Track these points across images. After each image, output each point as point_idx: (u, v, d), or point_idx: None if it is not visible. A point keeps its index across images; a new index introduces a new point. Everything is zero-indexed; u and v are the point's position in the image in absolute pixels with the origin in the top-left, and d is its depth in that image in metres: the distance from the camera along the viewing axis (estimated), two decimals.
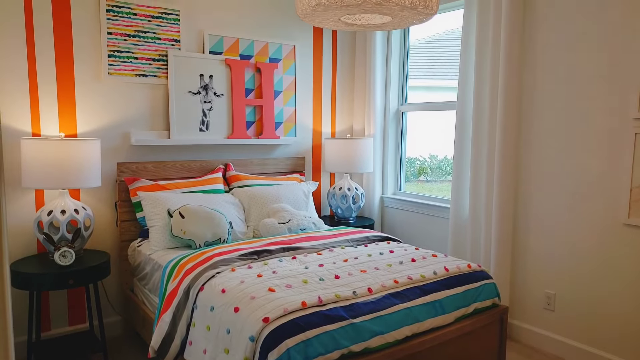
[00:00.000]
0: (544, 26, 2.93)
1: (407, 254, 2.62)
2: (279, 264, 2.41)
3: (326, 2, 1.91)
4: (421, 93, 5.28)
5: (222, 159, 3.53)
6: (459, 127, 3.34)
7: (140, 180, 3.07)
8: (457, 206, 3.37)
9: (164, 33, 3.22)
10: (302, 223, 3.15)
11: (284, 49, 3.75)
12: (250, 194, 3.28)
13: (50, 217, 2.64)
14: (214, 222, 2.85)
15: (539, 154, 3.00)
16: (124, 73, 3.09)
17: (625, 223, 2.62)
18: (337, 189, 3.83)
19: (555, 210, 2.94)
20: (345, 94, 4.19)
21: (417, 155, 6.61)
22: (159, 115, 3.25)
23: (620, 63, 2.60)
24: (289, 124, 3.85)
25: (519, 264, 3.14)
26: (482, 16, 3.13)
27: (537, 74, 2.97)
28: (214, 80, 3.42)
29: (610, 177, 2.68)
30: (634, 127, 2.56)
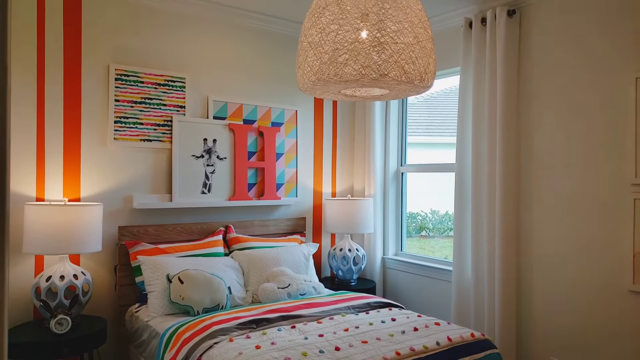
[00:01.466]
0: (539, 95, 3.02)
1: (409, 322, 2.57)
2: (278, 334, 2.37)
3: (326, 77, 1.99)
4: (420, 150, 5.35)
5: (223, 221, 3.54)
6: (458, 189, 3.37)
7: (141, 243, 3.08)
8: (459, 269, 3.34)
9: (169, 99, 3.32)
10: (302, 288, 3.12)
11: (286, 114, 3.85)
12: (250, 257, 3.27)
13: (48, 283, 2.63)
14: (212, 288, 2.82)
15: (539, 218, 3.01)
16: (129, 138, 3.17)
17: (631, 290, 2.59)
18: (337, 249, 3.82)
19: (558, 275, 2.91)
20: (345, 155, 4.26)
21: (419, 210, 6.61)
22: (161, 178, 3.30)
23: (616, 129, 2.66)
24: (290, 184, 3.89)
25: (524, 331, 3.07)
26: (478, 82, 3.23)
27: (534, 138, 3.03)
28: (218, 144, 3.49)
29: (612, 243, 2.68)
30: (632, 192, 2.58)
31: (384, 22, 1.88)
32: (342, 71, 1.90)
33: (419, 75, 2.02)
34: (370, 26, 1.87)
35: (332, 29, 1.91)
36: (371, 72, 1.89)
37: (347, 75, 1.91)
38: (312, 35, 1.98)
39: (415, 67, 1.96)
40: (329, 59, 1.92)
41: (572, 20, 2.84)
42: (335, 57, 1.90)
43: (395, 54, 1.89)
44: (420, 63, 1.99)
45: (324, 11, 1.96)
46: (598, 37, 2.73)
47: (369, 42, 1.87)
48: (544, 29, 2.98)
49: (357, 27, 1.87)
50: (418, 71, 1.98)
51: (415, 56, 1.95)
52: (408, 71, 1.94)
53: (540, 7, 2.99)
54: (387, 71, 1.89)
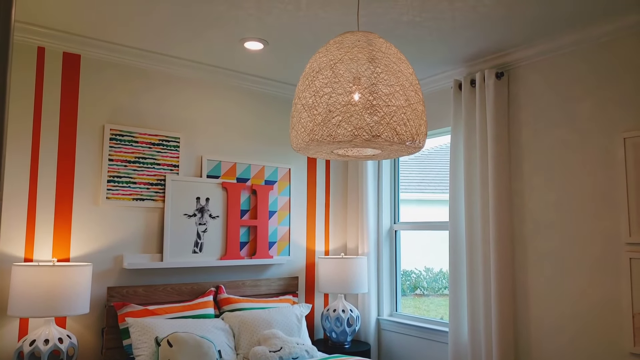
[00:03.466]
0: (529, 155, 3.08)
1: None
2: None
3: (319, 138, 2.03)
4: (413, 207, 5.37)
5: (214, 280, 3.48)
6: (452, 249, 3.36)
7: (130, 305, 3.00)
8: (455, 330, 3.27)
9: (163, 159, 3.35)
10: (294, 351, 3.02)
11: (279, 172, 3.89)
12: (241, 319, 3.18)
13: (32, 347, 2.53)
14: (202, 352, 2.73)
15: (534, 279, 2.98)
16: (121, 197, 3.16)
17: (632, 352, 2.54)
18: (331, 310, 3.73)
19: (556, 337, 2.85)
20: (338, 213, 4.26)
21: (413, 268, 6.53)
22: (152, 237, 3.27)
23: (606, 189, 2.70)
24: (283, 242, 3.86)
25: None
26: (469, 142, 3.30)
27: (526, 199, 3.07)
28: (210, 202, 3.49)
29: (610, 303, 2.64)
30: (627, 252, 2.59)
31: (376, 86, 1.95)
32: (335, 132, 1.95)
33: (411, 136, 2.07)
34: (363, 89, 1.94)
35: (325, 91, 1.98)
36: (364, 134, 1.93)
37: (340, 136, 1.95)
38: (306, 97, 2.04)
39: (407, 128, 2.01)
40: (322, 120, 1.97)
41: (558, 83, 2.96)
42: (329, 119, 1.95)
43: (387, 116, 1.95)
44: (412, 125, 2.04)
45: (317, 75, 2.03)
46: (584, 99, 2.83)
47: (361, 104, 1.93)
48: (532, 92, 3.09)
49: (349, 90, 1.93)
50: (410, 133, 2.03)
51: (407, 118, 2.01)
52: (400, 132, 1.99)
53: (527, 70, 3.12)
54: (379, 132, 1.94)
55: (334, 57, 2.01)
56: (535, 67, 3.08)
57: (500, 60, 3.20)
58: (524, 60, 3.11)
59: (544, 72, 3.03)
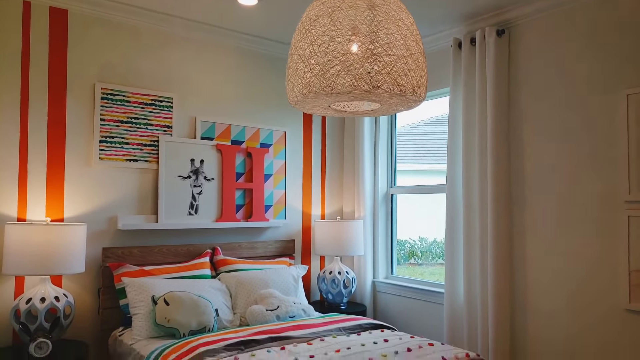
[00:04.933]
0: (529, 116, 3.05)
1: (402, 343, 2.50)
2: (268, 356, 2.28)
3: (317, 90, 1.98)
4: (409, 177, 5.36)
5: (210, 242, 3.46)
6: (449, 211, 3.35)
7: (126, 265, 2.98)
8: (451, 291, 3.29)
9: (156, 119, 3.29)
10: (291, 310, 3.03)
11: (274, 135, 3.83)
12: (238, 280, 3.18)
13: (28, 305, 2.52)
14: (199, 310, 2.73)
15: (532, 241, 2.99)
16: (114, 158, 3.11)
17: (627, 308, 2.56)
18: (327, 272, 3.74)
19: (553, 296, 2.88)
20: (334, 177, 4.24)
21: (407, 238, 6.56)
22: (147, 199, 3.23)
23: (606, 147, 2.68)
24: (279, 206, 3.84)
25: (518, 352, 3.01)
26: (468, 103, 3.25)
27: (525, 160, 3.04)
28: (205, 164, 3.45)
29: (607, 262, 2.66)
30: (626, 210, 2.58)
31: (376, 34, 1.89)
32: (334, 83, 1.89)
33: (412, 88, 2.02)
34: (362, 38, 1.88)
35: (323, 40, 1.91)
36: (363, 84, 1.88)
37: (339, 87, 1.90)
38: (303, 47, 1.97)
39: (407, 79, 1.96)
40: (320, 70, 1.91)
41: (558, 40, 2.90)
42: (327, 69, 1.90)
43: (388, 66, 1.89)
44: (413, 76, 1.99)
45: (314, 23, 1.96)
46: (585, 56, 2.78)
47: (361, 53, 1.87)
48: (532, 50, 3.03)
49: (349, 38, 1.87)
50: (410, 84, 1.98)
51: (408, 69, 1.96)
52: (401, 84, 1.94)
53: (527, 28, 3.05)
54: (379, 83, 1.89)
55: (332, 4, 1.94)
56: (535, 25, 3.01)
57: (500, 17, 3.13)
58: (524, 17, 3.04)
59: (543, 30, 2.97)
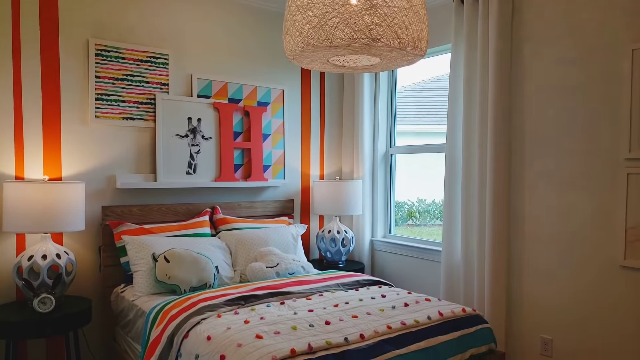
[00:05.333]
0: (531, 71, 2.99)
1: (399, 299, 2.54)
2: (267, 310, 2.32)
3: (315, 43, 1.93)
4: (409, 138, 5.33)
5: (209, 202, 3.47)
6: (448, 170, 3.34)
7: (125, 224, 3.00)
8: (449, 249, 3.32)
9: (152, 77, 3.23)
10: (290, 267, 3.07)
11: (272, 93, 3.78)
12: (238, 238, 3.21)
13: (30, 262, 2.55)
14: (199, 267, 2.76)
15: (530, 197, 2.99)
16: (111, 116, 3.07)
17: (622, 265, 2.59)
18: (326, 232, 3.77)
19: (549, 252, 2.90)
20: (333, 137, 4.21)
21: (406, 200, 6.60)
22: (145, 158, 3.22)
23: (609, 104, 2.65)
24: (278, 166, 3.83)
25: (514, 308, 3.07)
26: (470, 60, 3.19)
27: (526, 116, 3.01)
28: (202, 123, 3.41)
29: (604, 219, 2.67)
30: (625, 167, 2.57)
31: None
32: (333, 35, 1.84)
33: (412, 41, 1.97)
34: None
35: None
36: (363, 37, 1.83)
37: (338, 40, 1.85)
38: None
39: (408, 32, 1.91)
40: (319, 22, 1.86)
41: None
42: (325, 21, 1.84)
43: (388, 18, 1.84)
44: (414, 29, 1.94)
45: None
46: (590, 10, 2.70)
47: (360, 4, 1.81)
48: (535, 4, 2.94)
49: None
50: (411, 37, 1.93)
51: (409, 21, 1.90)
52: (401, 36, 1.89)
53: None
54: (379, 36, 1.84)
55: None
56: None
57: None
58: None
59: None
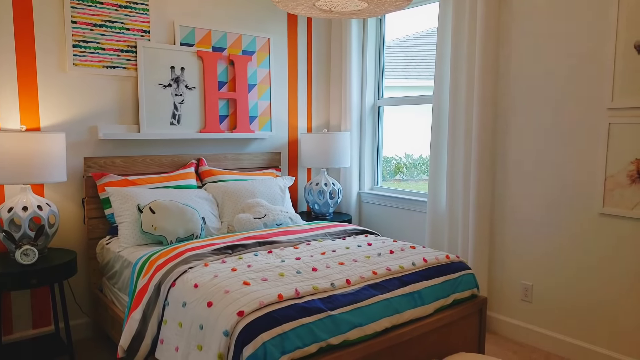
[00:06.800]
0: (519, 20, 2.93)
1: (385, 246, 2.57)
2: (255, 258, 2.33)
3: None
4: (397, 92, 5.29)
5: (194, 153, 3.42)
6: (435, 121, 3.32)
7: (109, 175, 2.95)
8: (434, 199, 3.35)
9: (132, 23, 3.10)
10: (278, 218, 3.07)
11: (258, 42, 3.67)
12: (224, 189, 3.19)
13: (10, 214, 2.51)
14: (186, 218, 2.75)
15: (515, 148, 2.99)
16: (90, 64, 2.97)
17: (600, 212, 2.63)
18: (314, 184, 3.77)
19: (531, 201, 2.94)
20: (321, 88, 4.13)
21: (393, 155, 6.63)
22: (128, 108, 3.14)
23: (594, 56, 2.61)
24: (264, 118, 3.77)
25: (496, 256, 3.13)
26: (458, 11, 3.11)
27: (512, 64, 2.97)
28: (186, 72, 3.32)
29: (585, 168, 2.69)
30: (608, 117, 2.57)
31: None
32: None
33: None
34: None
35: None
36: None
37: None
38: None
39: None
40: None
41: None
42: None
43: None
44: None
45: None
46: None
47: None
48: None
49: None
50: None
51: None
52: None
53: None
54: None
55: None
56: None
57: None
58: None
59: None
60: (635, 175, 2.48)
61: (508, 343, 3.00)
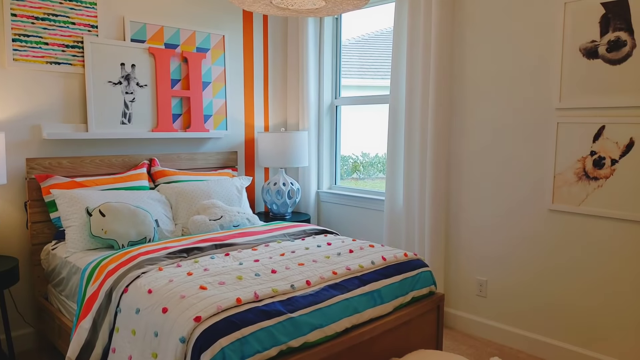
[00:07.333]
0: (473, 22, 2.99)
1: (344, 246, 2.56)
2: (211, 261, 2.27)
3: None
4: (354, 91, 5.32)
5: (146, 153, 3.30)
6: (392, 121, 3.35)
7: (54, 177, 2.80)
8: (391, 198, 3.38)
9: (78, 17, 2.96)
10: (235, 219, 3.01)
11: (212, 39, 3.58)
12: (178, 190, 3.09)
13: None
14: (138, 220, 2.64)
15: (469, 146, 3.06)
16: (32, 60, 2.80)
17: (550, 209, 2.73)
18: (272, 184, 3.72)
19: (485, 199, 3.01)
20: (278, 87, 4.09)
21: (350, 154, 6.67)
22: (74, 106, 2.98)
23: (543, 59, 2.70)
24: (219, 116, 3.68)
25: (452, 253, 3.19)
26: (414, 12, 3.14)
27: (467, 65, 3.03)
28: (137, 69, 3.20)
29: (536, 166, 2.78)
30: (556, 117, 2.67)
31: None
32: None
33: None
34: None
35: None
36: None
37: None
38: None
39: None
40: None
41: None
42: None
43: None
44: None
45: None
46: None
47: None
48: None
49: None
50: None
51: None
52: None
53: None
54: None
55: None
56: None
57: None
58: None
59: None
60: (582, 173, 2.58)
61: (464, 337, 3.07)
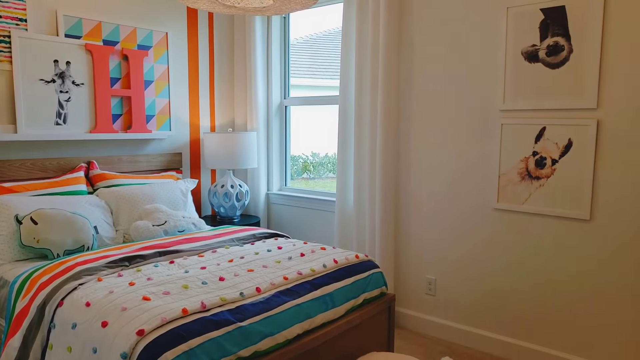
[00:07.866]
0: (420, 26, 3.02)
1: (295, 249, 2.51)
2: (155, 270, 2.15)
3: None
4: (303, 91, 5.28)
5: (84, 156, 3.12)
6: (341, 122, 3.33)
7: None
8: (342, 199, 3.36)
9: (4, 10, 2.74)
10: (180, 224, 2.89)
11: (154, 36, 3.43)
12: (119, 195, 2.93)
13: None
14: (75, 227, 2.48)
15: (417, 147, 3.09)
16: None
17: (495, 208, 2.80)
18: (219, 186, 3.61)
19: (433, 198, 3.05)
20: (224, 86, 3.98)
21: (300, 154, 6.63)
22: (1, 106, 2.76)
23: (488, 61, 2.77)
24: (163, 116, 3.54)
25: (402, 253, 3.21)
26: (362, 14, 3.14)
27: (414, 66, 3.06)
28: (72, 67, 3.01)
29: (481, 166, 2.84)
30: (500, 118, 2.74)
31: None
32: None
33: None
34: None
35: None
36: None
37: None
38: None
39: None
40: None
41: None
42: None
43: None
44: None
45: None
46: None
47: None
48: None
49: None
50: None
51: None
52: None
53: None
54: None
55: None
56: None
57: None
58: None
59: None
60: (525, 173, 2.66)
61: (415, 337, 3.09)
